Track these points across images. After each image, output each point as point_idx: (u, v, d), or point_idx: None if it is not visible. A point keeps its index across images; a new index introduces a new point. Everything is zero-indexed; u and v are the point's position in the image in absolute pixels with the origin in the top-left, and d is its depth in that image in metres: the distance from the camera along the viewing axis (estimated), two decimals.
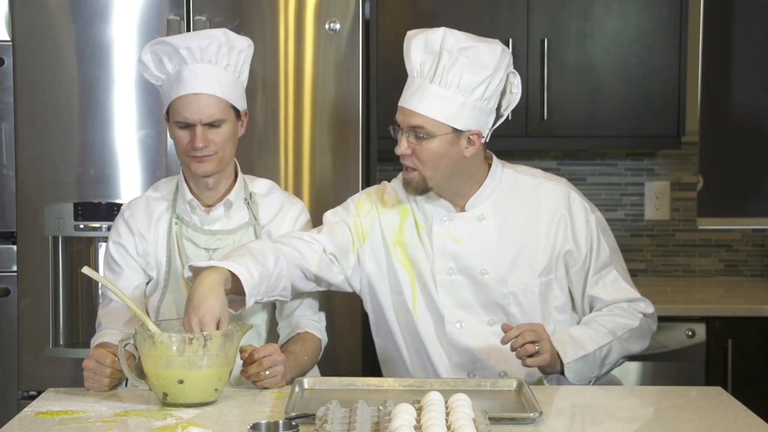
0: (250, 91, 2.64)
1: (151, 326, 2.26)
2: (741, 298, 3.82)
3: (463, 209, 2.58)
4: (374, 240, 2.61)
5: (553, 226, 2.57)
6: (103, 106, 3.32)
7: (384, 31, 3.72)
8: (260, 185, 2.67)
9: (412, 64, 2.48)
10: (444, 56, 2.43)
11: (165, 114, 2.57)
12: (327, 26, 3.31)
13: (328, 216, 2.66)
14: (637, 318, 2.55)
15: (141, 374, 2.31)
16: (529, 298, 2.55)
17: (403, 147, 2.48)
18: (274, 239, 2.56)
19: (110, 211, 3.27)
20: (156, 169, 3.31)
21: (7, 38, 3.45)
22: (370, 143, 3.45)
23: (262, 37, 3.25)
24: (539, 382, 2.54)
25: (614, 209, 4.16)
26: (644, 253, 4.19)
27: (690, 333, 3.56)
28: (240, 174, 2.63)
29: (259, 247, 2.46)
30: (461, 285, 2.56)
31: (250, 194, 2.63)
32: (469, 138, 2.48)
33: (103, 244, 3.35)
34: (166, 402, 2.23)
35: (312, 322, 2.61)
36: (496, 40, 2.51)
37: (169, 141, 3.30)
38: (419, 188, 2.52)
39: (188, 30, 3.29)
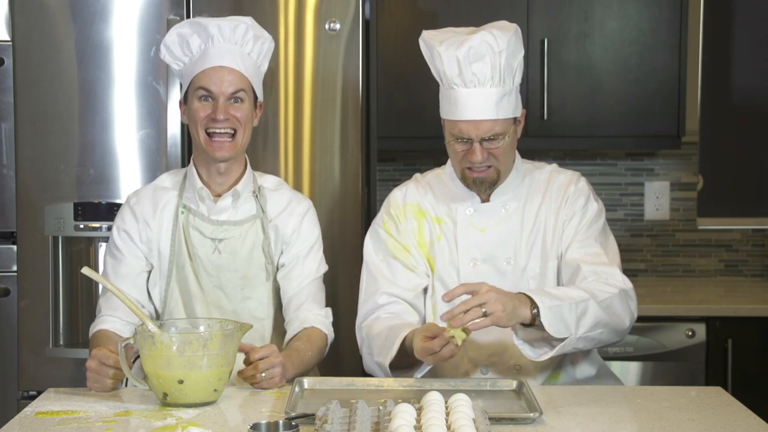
0: None
1: (151, 326, 2.26)
2: (741, 298, 3.82)
3: (487, 200, 2.62)
4: (412, 247, 2.64)
5: (561, 208, 2.61)
6: (103, 106, 3.33)
7: (384, 31, 3.72)
8: (269, 180, 2.68)
9: (463, 75, 2.48)
10: (496, 58, 2.47)
11: (182, 98, 2.57)
12: (327, 26, 3.31)
13: (377, 259, 2.65)
14: (616, 288, 2.46)
15: (142, 373, 2.31)
16: (546, 283, 2.57)
17: (480, 156, 2.50)
18: (371, 324, 2.58)
19: (110, 211, 3.27)
20: (156, 169, 3.31)
21: (7, 38, 3.46)
22: (370, 143, 3.45)
23: None
24: (553, 379, 2.55)
25: (614, 209, 4.16)
26: (644, 253, 4.19)
27: (690, 333, 3.56)
28: (249, 167, 2.64)
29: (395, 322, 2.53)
30: (485, 275, 2.57)
31: (259, 188, 2.63)
32: (518, 119, 2.58)
33: (103, 244, 3.35)
34: (166, 402, 2.23)
35: (319, 317, 2.60)
36: (503, 21, 2.56)
37: (170, 140, 3.30)
38: (493, 182, 2.58)
39: None
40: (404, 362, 2.45)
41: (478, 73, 2.47)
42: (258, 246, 2.59)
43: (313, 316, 2.59)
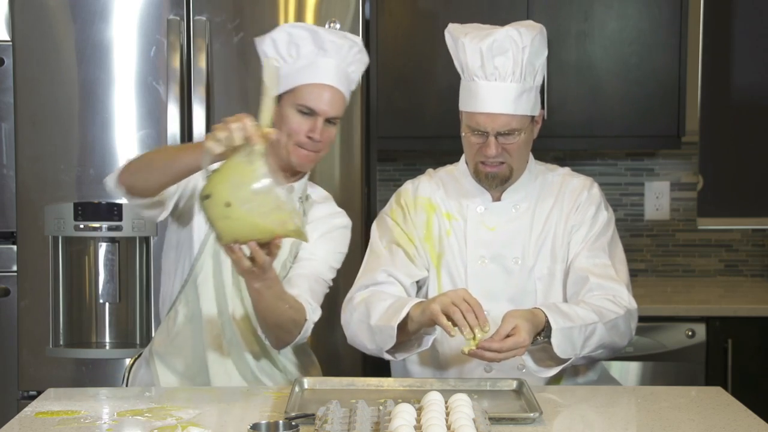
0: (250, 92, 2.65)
1: (258, 149, 2.09)
2: (741, 298, 3.82)
3: (498, 199, 2.62)
4: (417, 239, 2.65)
5: (572, 213, 2.62)
6: (103, 106, 3.33)
7: (384, 31, 3.72)
8: (318, 192, 2.68)
9: (485, 68, 2.49)
10: (519, 54, 2.48)
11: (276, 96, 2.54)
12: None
13: (380, 245, 2.65)
14: (623, 308, 2.49)
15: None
16: (553, 285, 2.57)
17: (495, 150, 2.52)
18: (372, 293, 2.56)
19: (110, 211, 3.28)
20: None
21: (7, 38, 3.46)
22: (370, 143, 3.45)
23: None
24: (557, 382, 2.55)
25: (614, 209, 4.13)
26: (644, 253, 4.19)
27: (690, 333, 3.56)
28: (307, 173, 2.63)
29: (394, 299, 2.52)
30: (492, 273, 2.58)
31: (306, 196, 2.63)
32: (536, 119, 2.59)
33: (104, 245, 3.36)
34: (201, 205, 2.11)
35: (309, 305, 2.55)
36: (530, 20, 2.58)
37: (170, 140, 3.29)
38: (505, 179, 2.59)
39: (188, 31, 3.29)
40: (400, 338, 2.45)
41: (499, 67, 2.48)
42: (287, 245, 2.57)
43: (304, 298, 2.52)
